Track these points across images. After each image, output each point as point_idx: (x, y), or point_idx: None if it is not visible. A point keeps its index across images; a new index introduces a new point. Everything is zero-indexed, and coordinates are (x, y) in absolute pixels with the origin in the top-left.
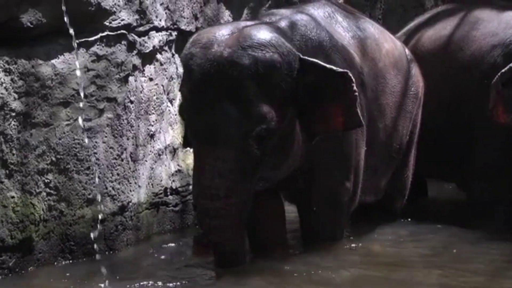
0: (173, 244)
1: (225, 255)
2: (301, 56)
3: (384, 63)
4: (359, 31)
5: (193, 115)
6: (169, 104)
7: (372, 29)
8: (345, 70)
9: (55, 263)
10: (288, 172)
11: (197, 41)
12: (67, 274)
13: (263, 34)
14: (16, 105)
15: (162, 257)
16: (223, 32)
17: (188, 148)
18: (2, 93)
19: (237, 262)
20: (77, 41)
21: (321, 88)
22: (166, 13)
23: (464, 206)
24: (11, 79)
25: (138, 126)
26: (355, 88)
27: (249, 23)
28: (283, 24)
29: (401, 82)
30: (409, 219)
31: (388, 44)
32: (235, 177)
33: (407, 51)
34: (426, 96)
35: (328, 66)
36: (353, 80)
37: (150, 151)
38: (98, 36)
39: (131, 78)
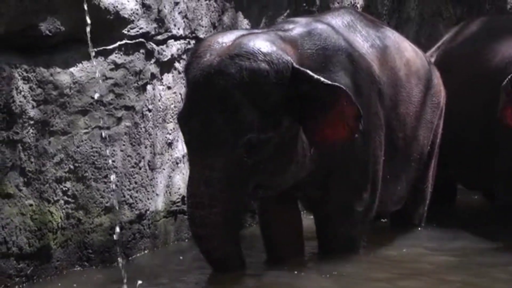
0: (190, 253)
1: (215, 263)
2: (294, 65)
3: (404, 72)
4: (378, 40)
5: (185, 124)
6: None
7: (393, 38)
8: (335, 84)
9: (73, 271)
10: (295, 180)
11: (195, 50)
12: (85, 282)
13: (254, 42)
14: (34, 113)
15: (180, 265)
16: (219, 41)
17: None
18: (20, 101)
19: (229, 269)
20: (96, 49)
21: (312, 98)
22: (184, 21)
23: (489, 213)
24: (30, 87)
25: (156, 134)
26: (345, 101)
27: (251, 31)
28: (295, 32)
29: (422, 91)
30: (431, 228)
31: (409, 53)
32: (221, 186)
33: (428, 60)
34: (455, 104)
35: (315, 76)
36: (346, 92)
37: (168, 159)
38: (117, 44)
39: (149, 87)
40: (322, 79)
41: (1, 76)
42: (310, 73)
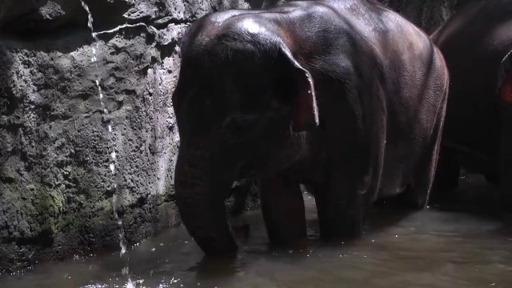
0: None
1: (201, 242)
2: (281, 47)
3: (407, 55)
4: (381, 23)
5: (176, 103)
6: None
7: (396, 21)
8: (303, 69)
9: (74, 255)
10: (290, 163)
11: (190, 28)
12: (86, 266)
13: (242, 23)
14: (35, 97)
15: (181, 249)
16: (212, 20)
17: None
18: (21, 86)
19: (216, 249)
20: (96, 33)
21: (292, 81)
22: (184, 5)
23: (491, 196)
24: (30, 71)
25: (157, 118)
26: (309, 90)
27: (247, 12)
28: (294, 14)
29: (425, 74)
30: (433, 210)
31: (412, 36)
32: (205, 165)
33: (432, 43)
34: (456, 87)
35: (291, 60)
36: (309, 81)
37: (169, 143)
38: (117, 28)
39: (150, 71)
40: (295, 63)
41: (2, 60)
42: (288, 55)
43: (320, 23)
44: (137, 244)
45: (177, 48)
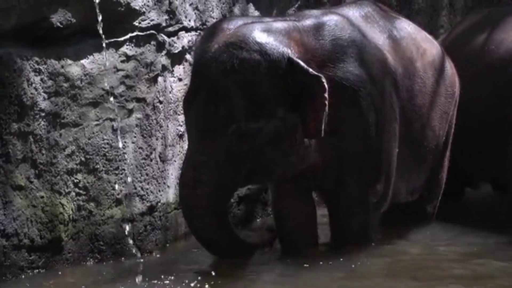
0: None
1: (204, 244)
2: (290, 55)
3: (421, 62)
4: (395, 31)
5: (186, 109)
6: None
7: (409, 28)
8: (319, 74)
9: (84, 263)
10: (297, 171)
11: (202, 34)
12: (96, 274)
13: (251, 32)
14: (45, 105)
15: (192, 257)
16: (224, 27)
17: None
18: (31, 93)
19: (218, 251)
20: (107, 41)
21: (303, 89)
22: (195, 13)
23: (498, 206)
24: (41, 79)
25: (167, 126)
26: (325, 94)
27: (260, 19)
28: (307, 23)
29: (438, 82)
30: (444, 220)
31: (425, 43)
32: (209, 170)
33: (443, 50)
34: (464, 95)
35: (305, 67)
36: (325, 86)
37: (179, 151)
38: (128, 36)
39: (160, 78)
40: (310, 69)
41: (13, 68)
42: (301, 64)
43: (334, 31)
44: (148, 251)
45: (188, 56)
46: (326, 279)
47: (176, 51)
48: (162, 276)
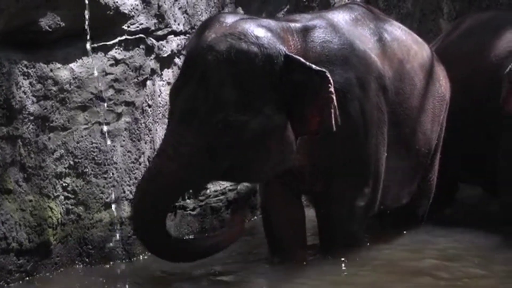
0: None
1: (135, 227)
2: (287, 53)
3: (412, 64)
4: (386, 33)
5: (173, 96)
6: None
7: (399, 31)
8: (323, 69)
9: (73, 267)
10: (277, 171)
11: (199, 26)
12: (85, 278)
13: (250, 25)
14: (34, 108)
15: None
16: (221, 20)
17: None
18: (20, 97)
19: (145, 241)
20: (95, 45)
21: (303, 87)
22: (184, 17)
23: (490, 210)
24: (30, 83)
25: (156, 130)
26: (331, 89)
27: (254, 17)
28: (300, 25)
29: (429, 84)
30: (434, 224)
31: (416, 46)
32: (188, 153)
33: (434, 54)
34: (454, 99)
35: (307, 63)
36: (331, 80)
37: None
38: (117, 40)
39: (149, 82)
40: (313, 65)
41: (1, 71)
42: (302, 60)
43: (324, 34)
44: (136, 255)
45: (177, 60)
46: (312, 284)
47: (165, 55)
48: (151, 280)
